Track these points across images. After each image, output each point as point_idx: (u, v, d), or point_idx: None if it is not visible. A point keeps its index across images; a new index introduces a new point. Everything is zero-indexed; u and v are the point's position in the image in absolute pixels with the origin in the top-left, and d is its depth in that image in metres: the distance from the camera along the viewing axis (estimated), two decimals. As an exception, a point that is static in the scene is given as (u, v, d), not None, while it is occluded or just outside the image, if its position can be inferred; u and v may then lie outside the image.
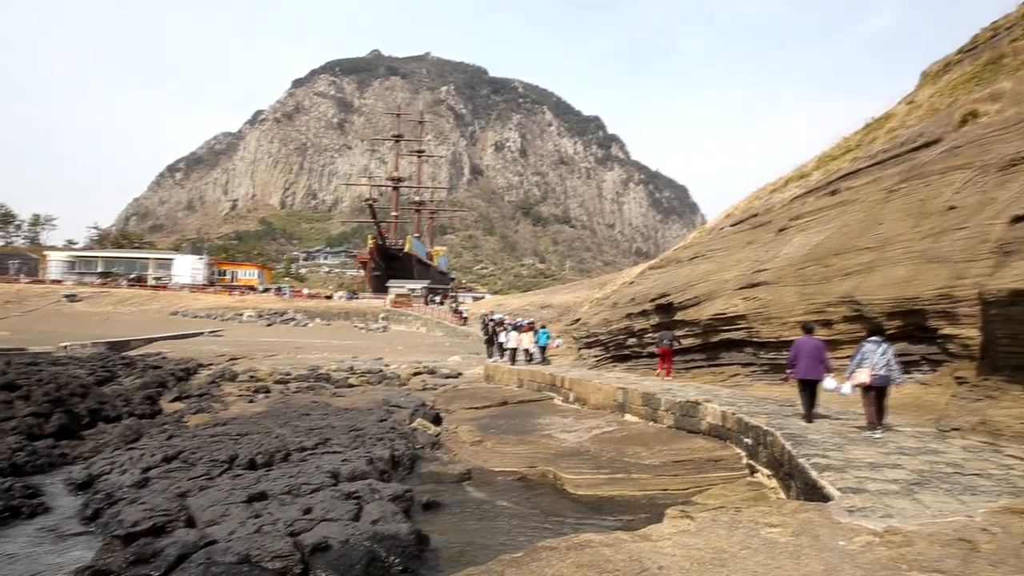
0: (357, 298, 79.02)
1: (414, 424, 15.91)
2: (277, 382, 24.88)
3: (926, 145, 16.28)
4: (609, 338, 24.28)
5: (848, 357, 13.60)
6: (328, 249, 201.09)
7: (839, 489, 5.72)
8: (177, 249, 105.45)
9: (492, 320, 31.01)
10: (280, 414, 16.90)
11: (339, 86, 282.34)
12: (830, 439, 8.40)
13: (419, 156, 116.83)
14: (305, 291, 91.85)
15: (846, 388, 9.64)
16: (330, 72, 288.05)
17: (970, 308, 10.39)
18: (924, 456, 7.24)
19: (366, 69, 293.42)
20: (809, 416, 10.26)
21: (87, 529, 8.82)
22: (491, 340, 28.36)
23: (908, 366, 12.40)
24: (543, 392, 20.00)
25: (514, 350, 25.85)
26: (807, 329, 10.91)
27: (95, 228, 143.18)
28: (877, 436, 8.88)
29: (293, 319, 62.77)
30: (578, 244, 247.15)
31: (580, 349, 27.88)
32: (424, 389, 24.00)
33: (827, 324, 13.85)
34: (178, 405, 19.48)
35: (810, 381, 10.18)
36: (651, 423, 13.94)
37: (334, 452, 12.12)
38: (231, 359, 32.54)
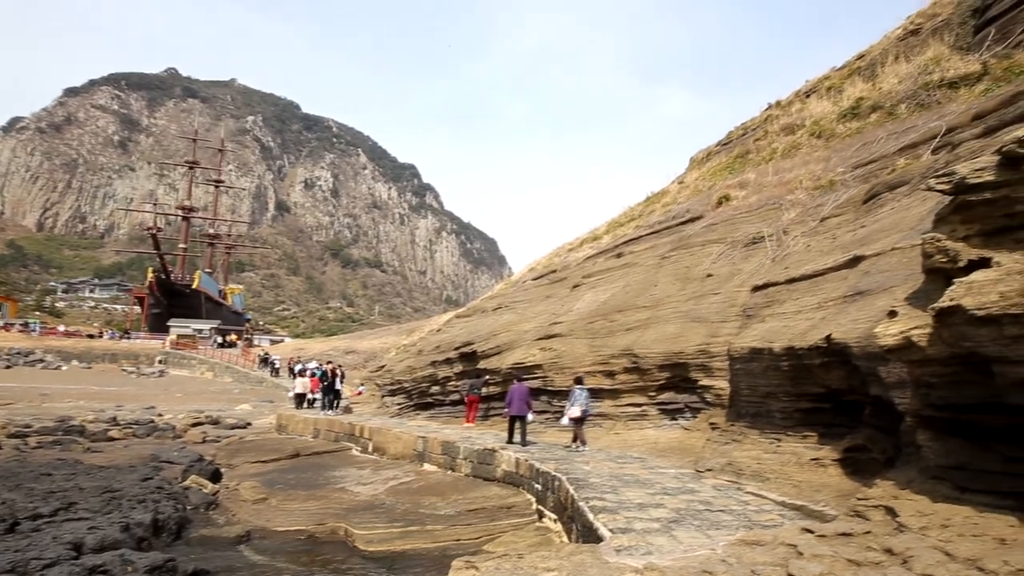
0: (129, 338, 69.62)
1: (187, 482, 14.20)
2: (12, 436, 20.70)
3: (691, 220, 18.91)
4: (413, 386, 24.07)
5: (628, 404, 15.08)
6: (96, 281, 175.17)
7: (610, 530, 6.18)
8: None
9: (331, 366, 27.64)
10: (11, 475, 14.03)
11: (124, 101, 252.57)
12: (608, 482, 9.06)
13: (217, 186, 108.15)
14: (61, 328, 78.65)
15: (564, 420, 13.02)
16: (114, 85, 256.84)
17: (722, 363, 12.04)
18: (683, 495, 8.11)
19: (159, 87, 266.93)
20: (523, 442, 13.37)
21: None
22: (330, 389, 24.53)
23: (674, 413, 13.96)
24: (341, 442, 19.11)
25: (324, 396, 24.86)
26: (519, 378, 14.52)
27: None
28: (578, 450, 12.42)
29: (42, 361, 53.38)
30: (388, 289, 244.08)
31: (383, 397, 27.24)
32: (204, 442, 21.67)
33: (610, 375, 15.12)
34: None
35: (520, 416, 13.49)
36: (449, 472, 13.94)
37: (79, 519, 10.31)
38: (-52, 409, 26.54)
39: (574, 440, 13.08)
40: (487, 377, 18.85)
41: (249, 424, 26.35)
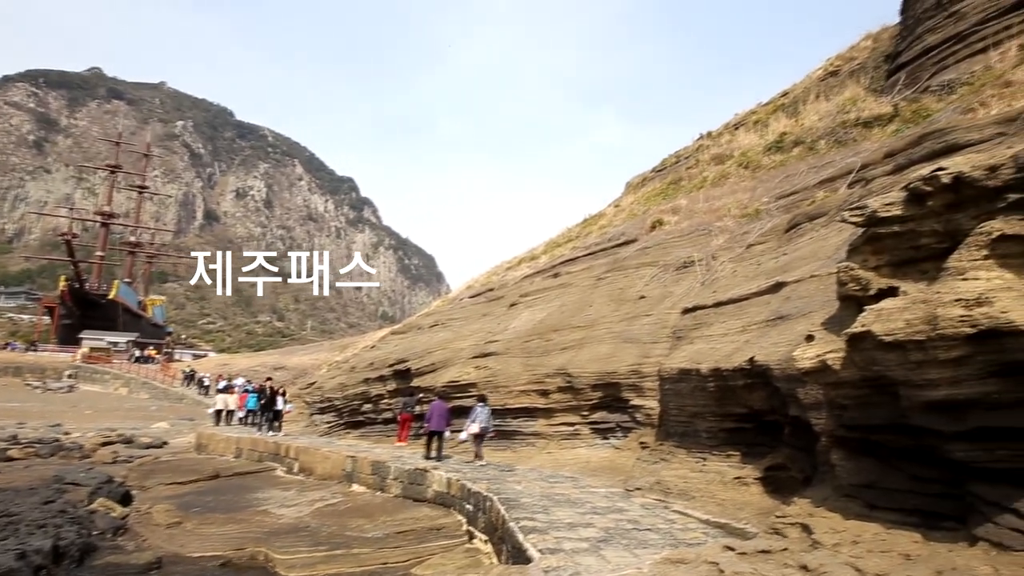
0: (36, 350, 65.02)
1: (94, 505, 13.29)
2: None
3: (626, 243, 19.35)
4: (344, 403, 23.45)
5: (561, 424, 15.17)
6: (2, 289, 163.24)
7: (540, 550, 6.14)
8: None
9: (270, 384, 24.37)
10: None
11: (42, 100, 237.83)
12: (539, 502, 9.03)
13: (141, 192, 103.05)
14: (-41, 338, 72.74)
15: (463, 435, 13.73)
16: (31, 82, 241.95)
17: (652, 383, 12.29)
18: (612, 515, 8.18)
19: (81, 86, 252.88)
20: (439, 457, 13.93)
21: None
22: (269, 407, 22.04)
23: (606, 433, 14.13)
24: (264, 462, 18.35)
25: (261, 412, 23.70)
26: (441, 396, 15.31)
27: None
28: (480, 465, 13.19)
29: (-66, 374, 49.10)
30: (322, 304, 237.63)
31: (313, 415, 26.40)
32: (115, 462, 20.42)
33: (544, 394, 15.18)
34: None
35: (439, 432, 14.05)
36: (379, 492, 13.60)
37: (-32, 548, 9.44)
38: None
39: (476, 457, 13.81)
40: (420, 395, 18.56)
41: (166, 443, 25.02)
